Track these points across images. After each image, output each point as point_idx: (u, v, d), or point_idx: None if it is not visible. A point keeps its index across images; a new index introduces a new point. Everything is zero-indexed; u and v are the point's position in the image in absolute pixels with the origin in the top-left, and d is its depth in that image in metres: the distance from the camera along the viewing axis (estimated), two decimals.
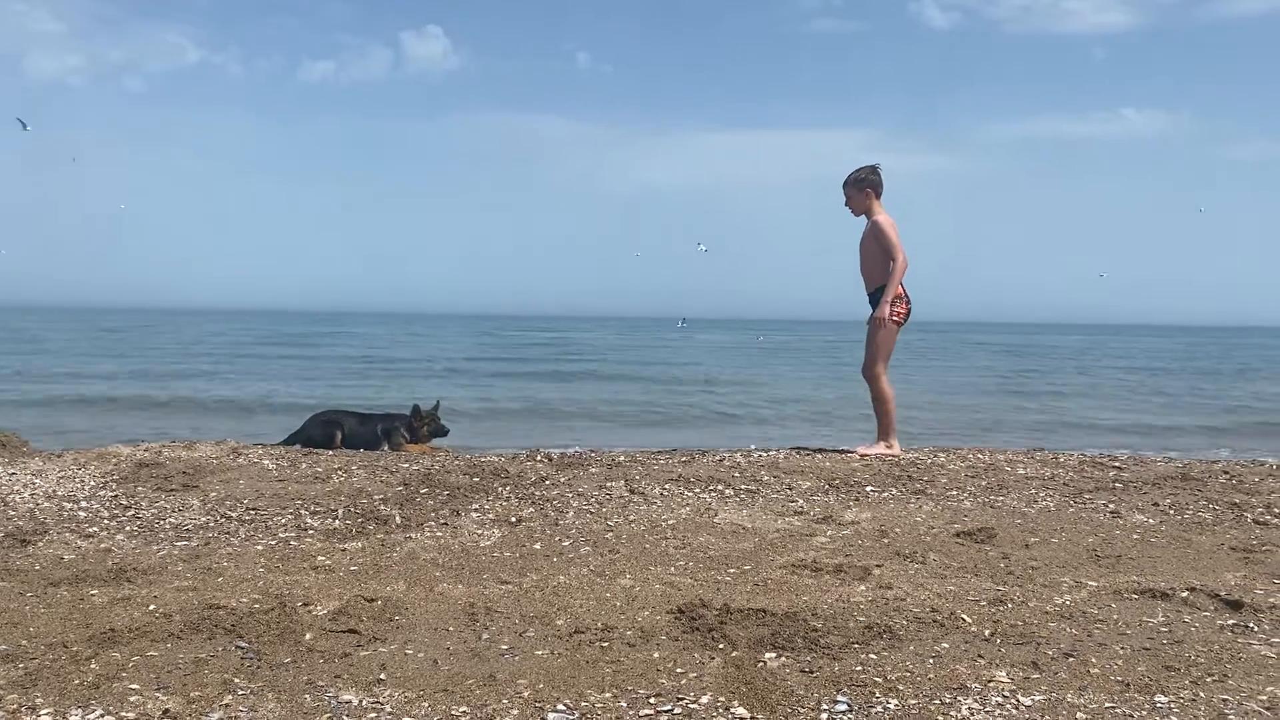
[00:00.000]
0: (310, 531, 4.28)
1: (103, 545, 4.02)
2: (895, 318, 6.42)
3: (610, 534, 4.28)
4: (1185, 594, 3.43)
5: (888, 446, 6.43)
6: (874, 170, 6.56)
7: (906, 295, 6.47)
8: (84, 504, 4.69)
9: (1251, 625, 3.09)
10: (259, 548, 4.01)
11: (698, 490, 5.18)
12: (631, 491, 5.12)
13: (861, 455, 6.28)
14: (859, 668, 2.69)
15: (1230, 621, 3.14)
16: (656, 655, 2.79)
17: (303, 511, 4.59)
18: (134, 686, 2.52)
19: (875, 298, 6.51)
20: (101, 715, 2.36)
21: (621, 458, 6.24)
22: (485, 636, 2.95)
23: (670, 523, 4.50)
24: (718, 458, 6.21)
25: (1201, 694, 2.53)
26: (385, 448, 7.35)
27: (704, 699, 2.48)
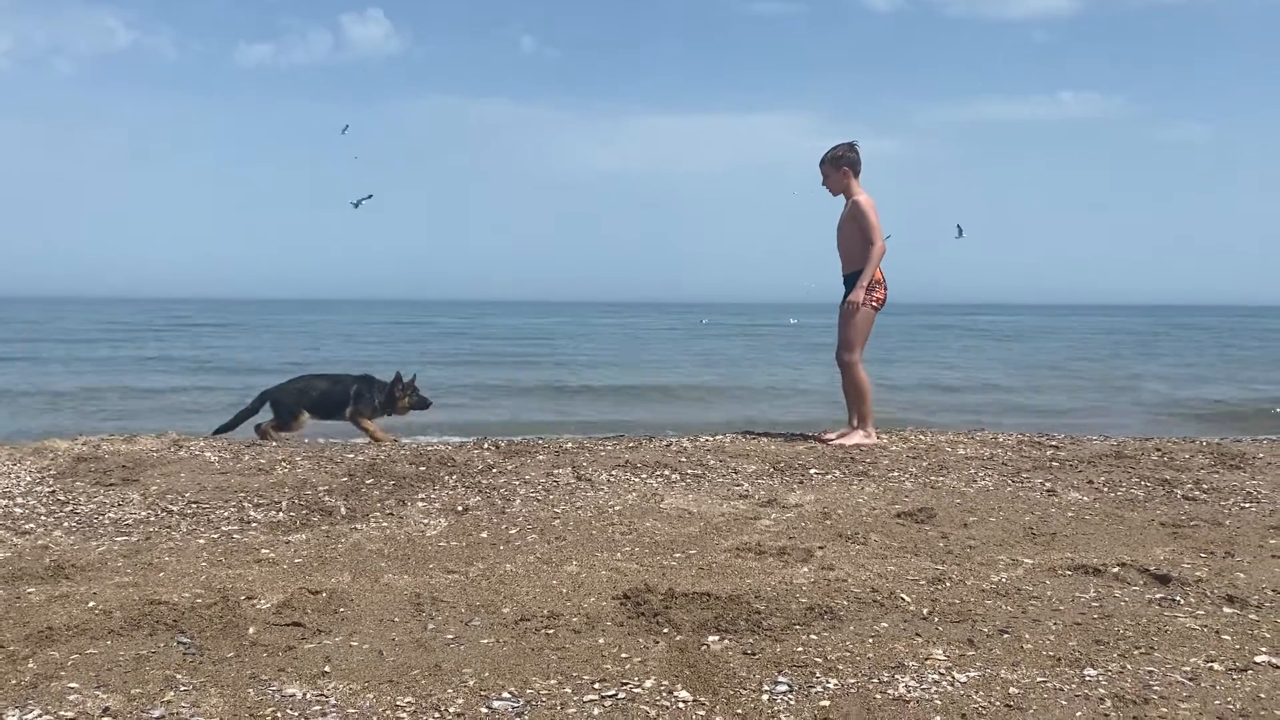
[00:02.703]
0: (254, 524, 4.25)
1: (40, 542, 3.95)
2: (873, 303, 6.26)
3: (557, 521, 4.31)
4: (1116, 569, 3.53)
5: (865, 435, 6.30)
6: (851, 147, 6.37)
7: (884, 279, 6.30)
8: (19, 500, 4.60)
9: (1178, 598, 3.20)
10: (201, 541, 3.98)
11: (644, 475, 5.22)
12: (579, 478, 5.14)
13: (837, 444, 6.17)
14: (800, 648, 2.74)
15: (1158, 595, 3.25)
16: (601, 641, 2.82)
17: (246, 504, 4.55)
18: (73, 685, 2.49)
19: (851, 281, 6.33)
20: (40, 715, 2.33)
21: (569, 444, 6.26)
22: (431, 626, 2.96)
23: (617, 509, 4.53)
24: (664, 443, 6.25)
25: (1128, 666, 2.62)
26: (349, 411, 7.21)
27: (648, 683, 2.51)
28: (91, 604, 3.13)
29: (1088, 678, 2.54)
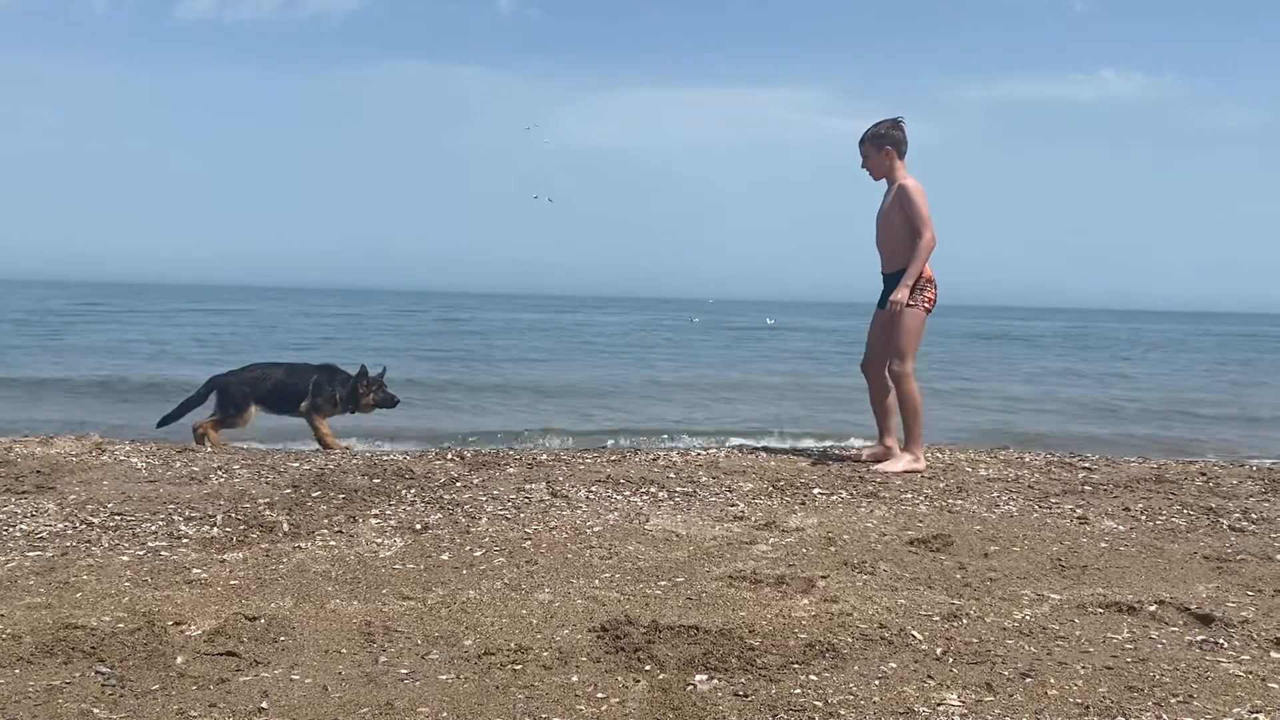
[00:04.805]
0: (184, 540, 4.23)
1: None
2: (924, 304, 6.06)
3: (528, 542, 4.30)
4: (1154, 608, 3.55)
5: (914, 460, 6.08)
6: (896, 124, 6.20)
7: (933, 277, 6.12)
8: None
9: (1221, 641, 3.22)
10: (125, 559, 3.96)
11: (628, 493, 5.23)
12: (554, 494, 5.15)
13: (884, 471, 5.95)
14: (798, 690, 2.75)
15: (1199, 637, 3.26)
16: (575, 679, 2.83)
17: (176, 517, 4.54)
18: None
19: (895, 280, 6.14)
20: None
21: (544, 456, 6.26)
22: (383, 659, 2.95)
23: (596, 529, 4.53)
24: (651, 456, 6.26)
25: (1165, 716, 2.63)
26: (304, 405, 7.17)
27: None
28: None
29: None
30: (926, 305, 6.10)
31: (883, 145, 6.18)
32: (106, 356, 20.25)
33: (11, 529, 4.30)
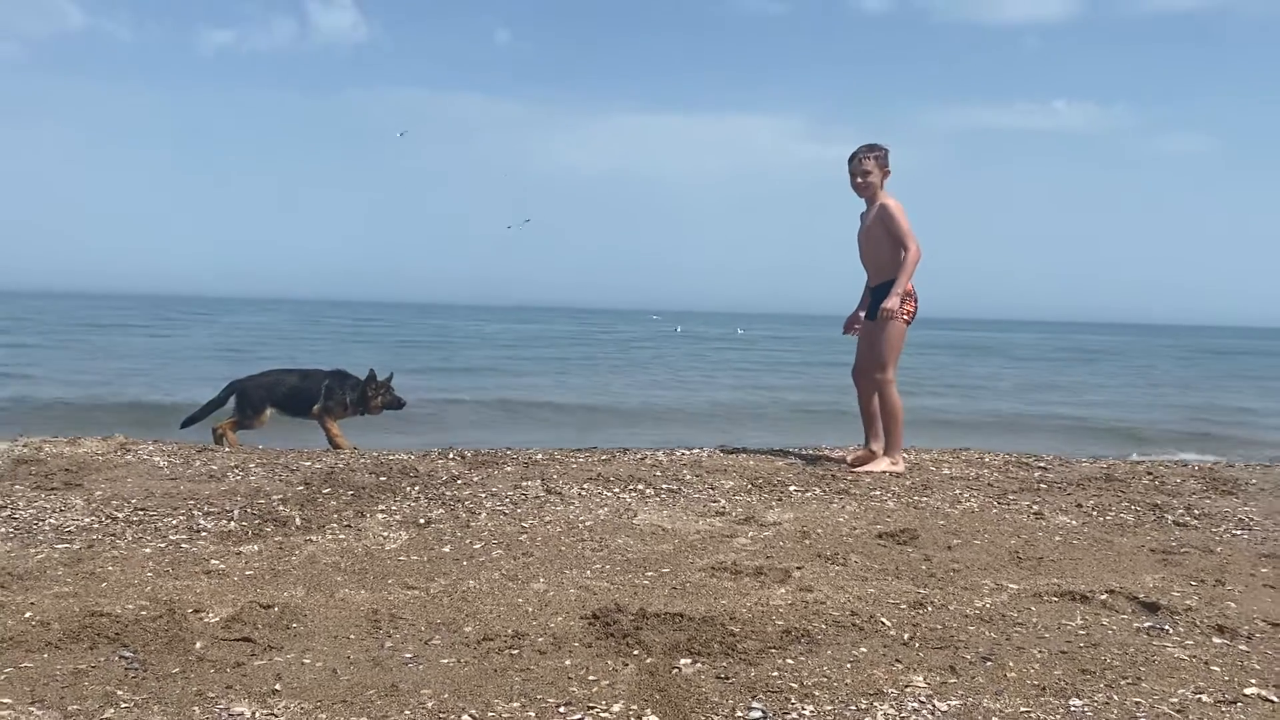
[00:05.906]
0: (203, 533, 4.21)
1: None
2: (906, 316, 6.02)
3: (524, 536, 4.30)
4: (1104, 596, 3.57)
5: (893, 463, 6.08)
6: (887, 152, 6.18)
7: (914, 291, 6.05)
8: None
9: (1167, 627, 3.24)
10: (147, 551, 3.94)
11: (617, 490, 5.23)
12: (548, 491, 5.14)
13: (864, 472, 5.94)
14: (775, 673, 2.75)
15: (1147, 624, 3.28)
16: (568, 663, 2.83)
17: (195, 512, 4.52)
18: (6, 700, 2.47)
19: (882, 292, 6.08)
20: None
21: (539, 456, 6.26)
22: (388, 645, 2.95)
23: (588, 524, 4.53)
24: (639, 456, 6.26)
25: (1115, 697, 2.65)
26: (316, 408, 7.17)
27: (615, 707, 2.52)
28: (28, 614, 3.10)
29: (1073, 708, 2.57)
30: (906, 317, 6.07)
31: (886, 165, 6.15)
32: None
33: (41, 523, 4.28)
